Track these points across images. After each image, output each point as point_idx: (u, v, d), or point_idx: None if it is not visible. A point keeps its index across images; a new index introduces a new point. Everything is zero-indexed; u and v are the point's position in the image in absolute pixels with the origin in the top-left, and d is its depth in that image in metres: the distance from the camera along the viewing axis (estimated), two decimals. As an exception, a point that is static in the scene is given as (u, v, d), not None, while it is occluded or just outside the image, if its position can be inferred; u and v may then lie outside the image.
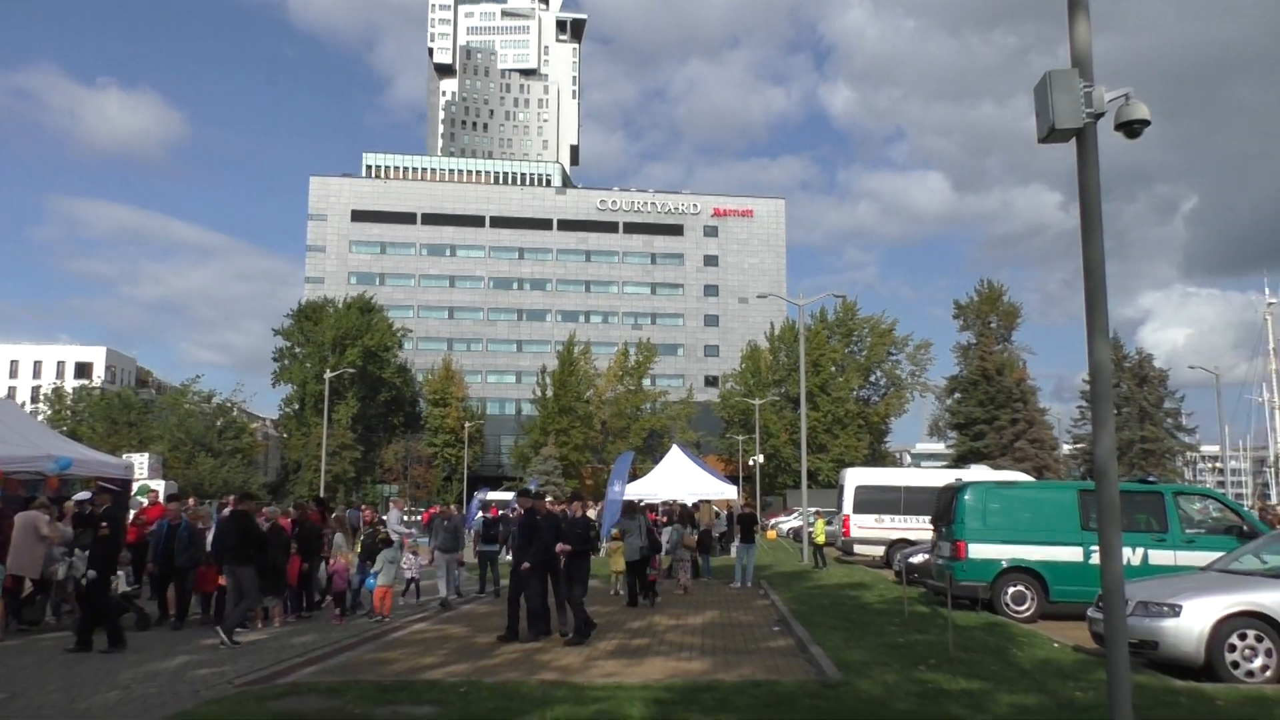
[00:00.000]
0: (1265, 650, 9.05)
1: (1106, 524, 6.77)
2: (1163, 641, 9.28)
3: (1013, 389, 66.48)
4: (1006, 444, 64.76)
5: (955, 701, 7.56)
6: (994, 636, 11.25)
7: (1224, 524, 14.36)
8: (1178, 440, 68.16)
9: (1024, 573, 14.00)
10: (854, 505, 25.61)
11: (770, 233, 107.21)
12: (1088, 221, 7.12)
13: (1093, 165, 7.14)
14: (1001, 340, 71.55)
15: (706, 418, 76.70)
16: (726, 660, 10.27)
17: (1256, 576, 9.91)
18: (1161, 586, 10.11)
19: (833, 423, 66.90)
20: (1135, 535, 13.75)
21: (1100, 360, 6.90)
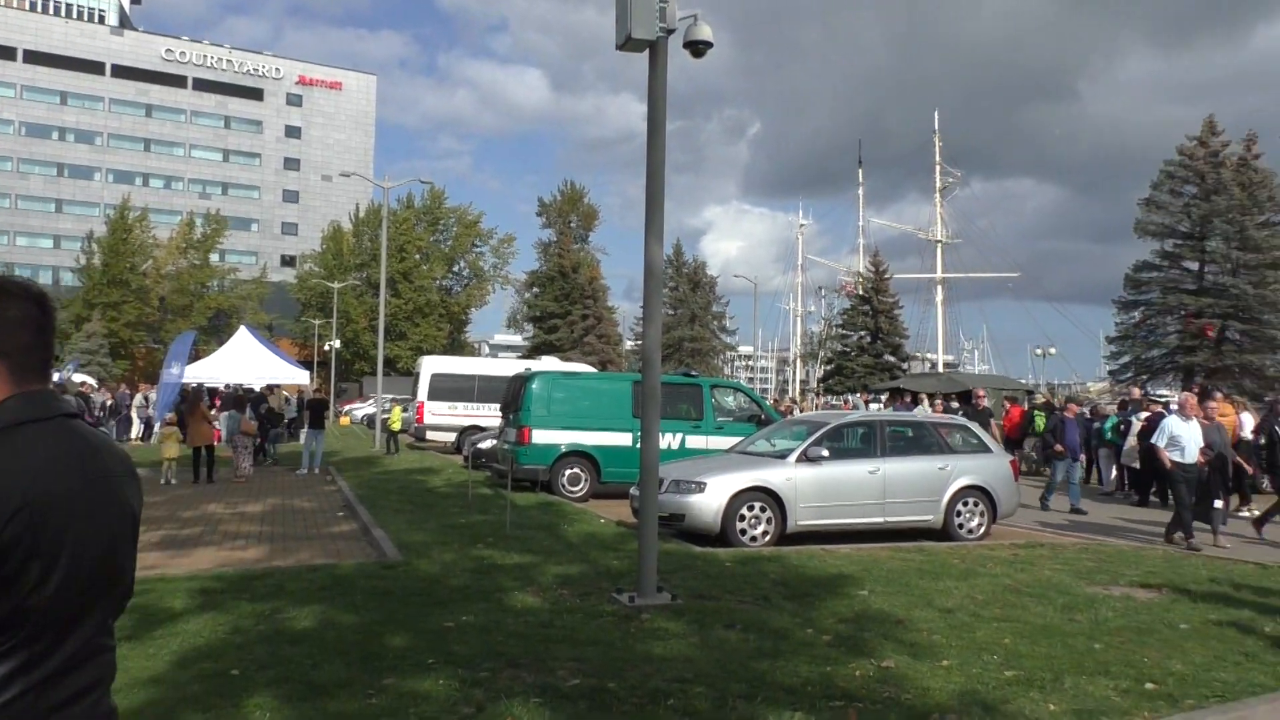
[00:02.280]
0: (767, 519, 10.63)
1: (648, 410, 7.46)
2: (689, 514, 10.55)
3: (586, 286, 70.32)
4: (578, 338, 68.68)
5: (507, 574, 8.04)
6: (549, 515, 12.07)
7: (749, 413, 16.49)
8: (721, 340, 76.47)
9: (580, 456, 15.11)
10: (429, 393, 25.85)
11: (360, 109, 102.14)
12: (653, 131, 7.63)
13: (661, 78, 7.62)
14: (580, 240, 75.13)
15: (281, 299, 72.52)
16: (285, 547, 10.03)
17: (766, 457, 11.54)
18: (691, 466, 11.44)
19: (414, 311, 66.46)
20: (676, 422, 15.36)
21: (653, 260, 7.50)
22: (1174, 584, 8.31)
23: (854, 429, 11.97)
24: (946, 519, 11.39)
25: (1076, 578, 8.47)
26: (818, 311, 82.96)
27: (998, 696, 5.01)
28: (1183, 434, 11.37)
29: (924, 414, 18.34)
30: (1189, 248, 41.48)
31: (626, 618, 6.57)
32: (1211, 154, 41.39)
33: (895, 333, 58.71)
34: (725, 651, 5.76)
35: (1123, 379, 43.19)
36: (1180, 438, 11.35)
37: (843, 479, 11.06)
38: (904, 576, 8.35)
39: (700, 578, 8.12)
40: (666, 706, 4.71)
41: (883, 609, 7.02)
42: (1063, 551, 10.14)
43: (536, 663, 5.41)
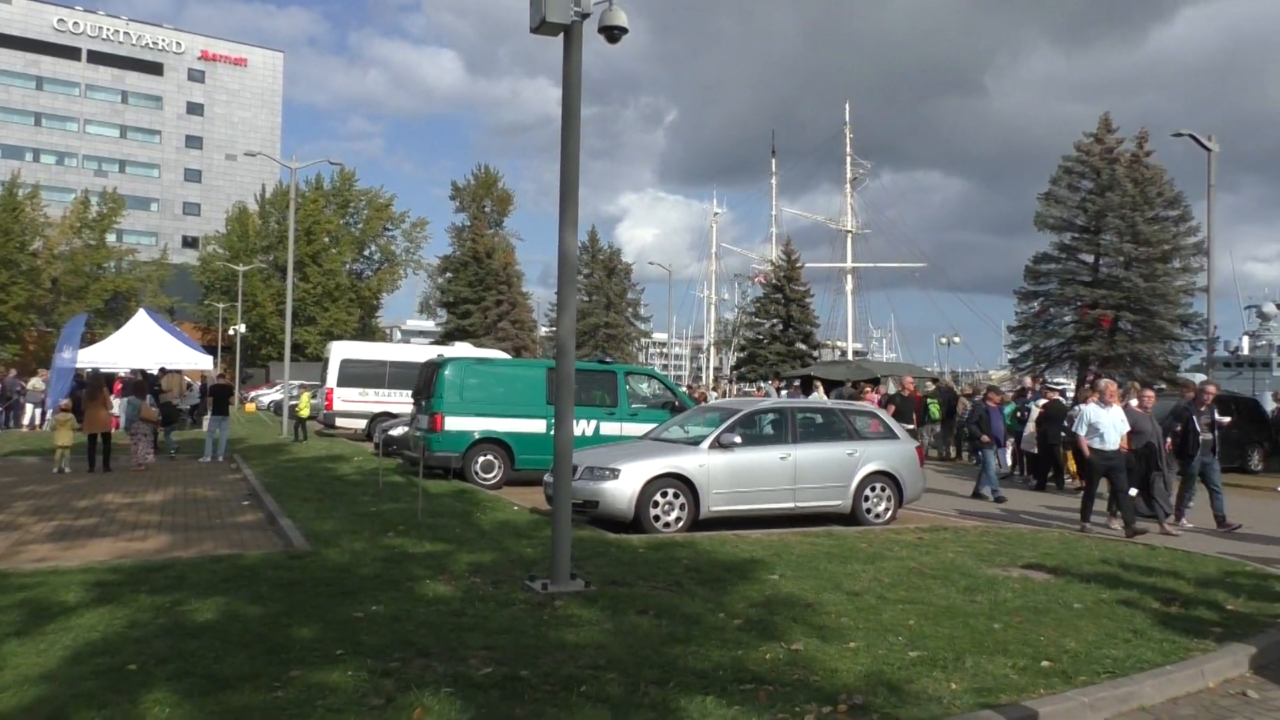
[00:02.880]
0: (680, 505, 10.71)
1: (561, 397, 7.44)
2: (603, 501, 10.56)
3: (500, 272, 69.71)
4: (491, 324, 68.08)
5: (418, 563, 7.94)
6: (462, 503, 11.96)
7: (662, 400, 16.58)
8: (636, 327, 76.70)
9: (494, 443, 14.99)
10: (339, 379, 25.36)
11: (266, 87, 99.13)
12: (567, 117, 7.57)
13: (576, 63, 7.56)
14: (494, 225, 74.43)
15: (183, 282, 70.09)
16: (187, 537, 9.73)
17: (680, 444, 11.62)
18: (605, 453, 11.45)
19: (323, 295, 64.95)
20: (591, 409, 15.36)
21: (568, 248, 7.46)
22: (1068, 565, 8.65)
23: (766, 416, 12.13)
24: (855, 504, 11.63)
25: (978, 560, 8.74)
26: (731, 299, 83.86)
27: (902, 677, 5.14)
28: (1102, 421, 11.50)
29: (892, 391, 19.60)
30: (1085, 241, 43.04)
31: (539, 605, 6.55)
32: (1106, 151, 42.96)
33: (806, 321, 59.68)
34: (638, 637, 5.78)
35: (1022, 367, 44.66)
36: (1100, 425, 11.48)
37: (755, 465, 11.21)
38: (813, 560, 8.51)
39: (613, 564, 8.14)
40: (579, 693, 4.71)
41: (792, 593, 7.14)
42: (965, 535, 10.45)
43: (448, 652, 5.36)
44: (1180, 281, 41.70)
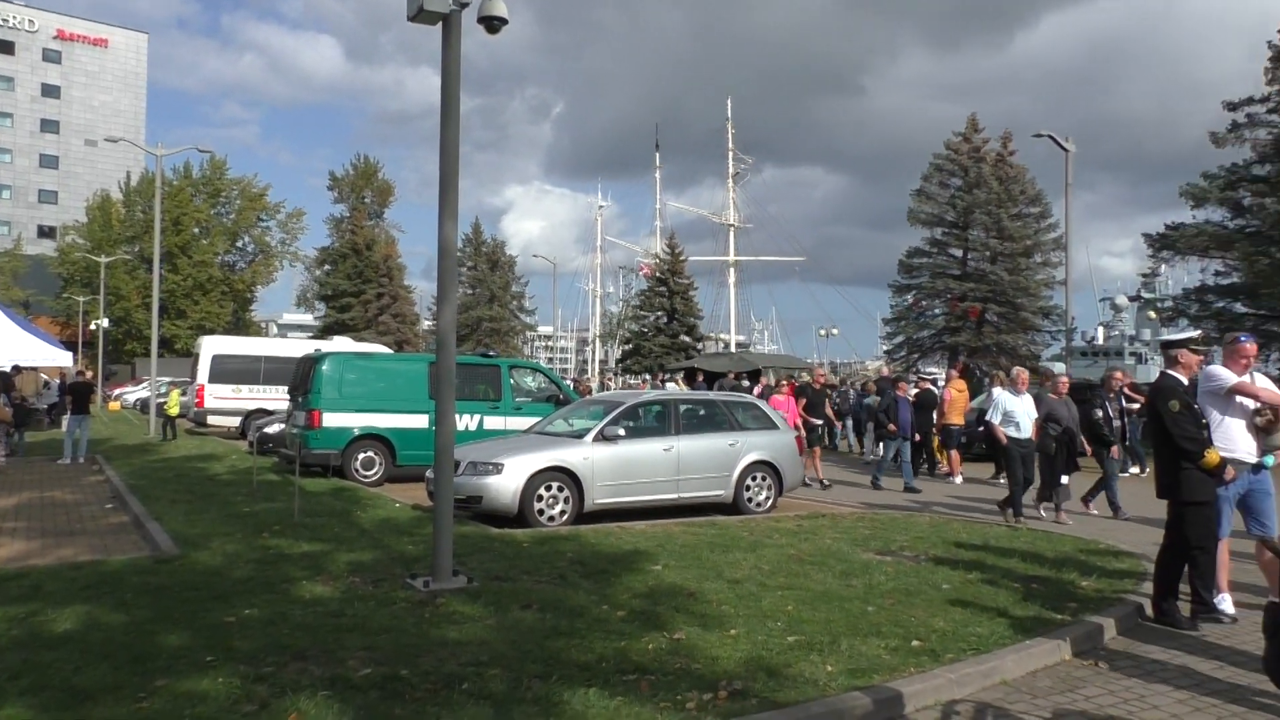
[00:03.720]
0: (565, 499, 10.71)
1: (442, 391, 7.34)
2: (486, 496, 10.47)
3: (380, 264, 68.25)
4: (372, 317, 66.62)
5: (294, 564, 7.72)
6: (341, 501, 11.68)
7: (547, 393, 16.53)
8: (520, 320, 76.23)
9: (375, 439, 14.69)
10: (210, 375, 24.47)
11: (129, 69, 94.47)
12: (447, 107, 7.47)
13: (455, 53, 7.46)
14: (374, 216, 72.77)
15: (39, 274, 66.31)
16: (44, 544, 9.24)
17: (564, 437, 11.61)
18: (489, 448, 11.36)
19: (194, 287, 62.38)
20: (474, 403, 15.22)
21: (448, 239, 7.36)
22: (938, 547, 9.00)
23: (649, 408, 12.23)
24: (737, 493, 11.84)
25: (854, 545, 9.01)
26: (616, 292, 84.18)
27: (781, 661, 5.27)
28: (1016, 409, 11.57)
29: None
30: (954, 236, 44.80)
31: (421, 603, 6.46)
32: (974, 150, 44.79)
33: (690, 313, 60.36)
34: (521, 632, 5.77)
35: (897, 357, 46.25)
36: (1014, 413, 11.54)
37: (639, 457, 11.30)
38: (696, 550, 8.63)
39: (497, 559, 8.09)
40: (460, 691, 4.67)
41: (675, 583, 7.23)
42: (842, 521, 10.76)
43: (325, 654, 5.24)
44: (1041, 275, 43.84)
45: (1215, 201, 31.69)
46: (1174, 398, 6.65)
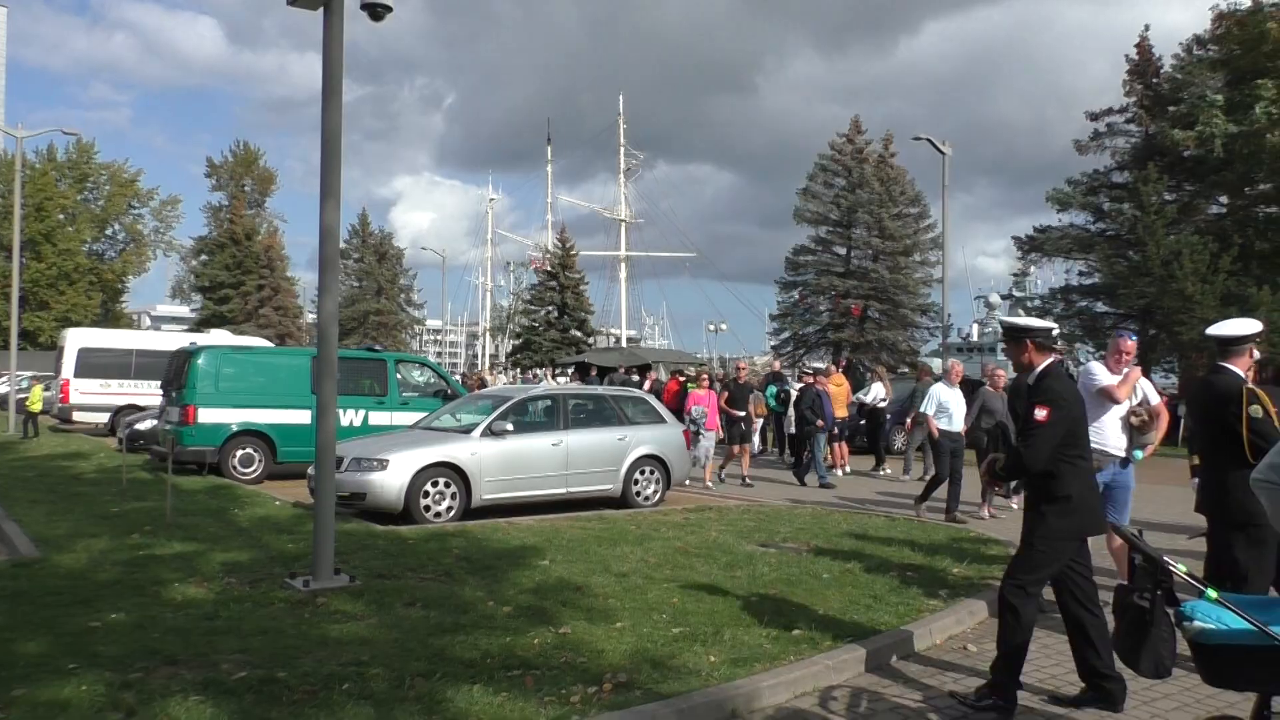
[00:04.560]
0: (451, 494, 10.60)
1: (323, 385, 7.17)
2: (370, 492, 10.28)
3: (261, 255, 66.05)
4: (252, 310, 64.43)
5: (166, 566, 7.43)
6: (217, 499, 11.29)
7: (434, 388, 16.31)
8: (408, 314, 74.87)
9: (254, 435, 14.24)
10: (76, 369, 23.30)
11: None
12: (328, 94, 7.29)
13: (337, 38, 7.29)
14: (255, 205, 70.38)
15: (-118, 260, 61.91)
16: (-113, 548, 8.65)
17: (451, 433, 11.48)
18: (373, 444, 11.15)
19: (59, 277, 59.17)
20: (359, 398, 14.91)
21: (329, 227, 7.18)
22: (820, 538, 9.24)
23: (538, 403, 12.19)
24: (625, 487, 11.92)
25: (738, 537, 9.17)
26: (507, 286, 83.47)
27: (665, 653, 5.34)
28: (950, 401, 11.56)
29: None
30: (838, 235, 45.97)
31: (300, 603, 6.30)
32: (857, 151, 46.04)
33: (581, 308, 60.28)
34: (405, 630, 5.69)
35: (783, 353, 47.19)
36: (948, 405, 11.53)
37: (527, 452, 11.25)
38: (584, 545, 8.65)
39: (382, 556, 7.95)
40: (341, 691, 4.58)
41: (563, 577, 7.23)
42: (728, 514, 10.94)
43: (198, 658, 5.06)
44: (920, 274, 45.38)
45: (1078, 206, 33.34)
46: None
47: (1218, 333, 5.62)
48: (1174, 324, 26.22)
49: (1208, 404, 5.39)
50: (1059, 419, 4.67)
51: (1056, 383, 4.79)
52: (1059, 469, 4.69)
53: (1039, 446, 4.65)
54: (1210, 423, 5.37)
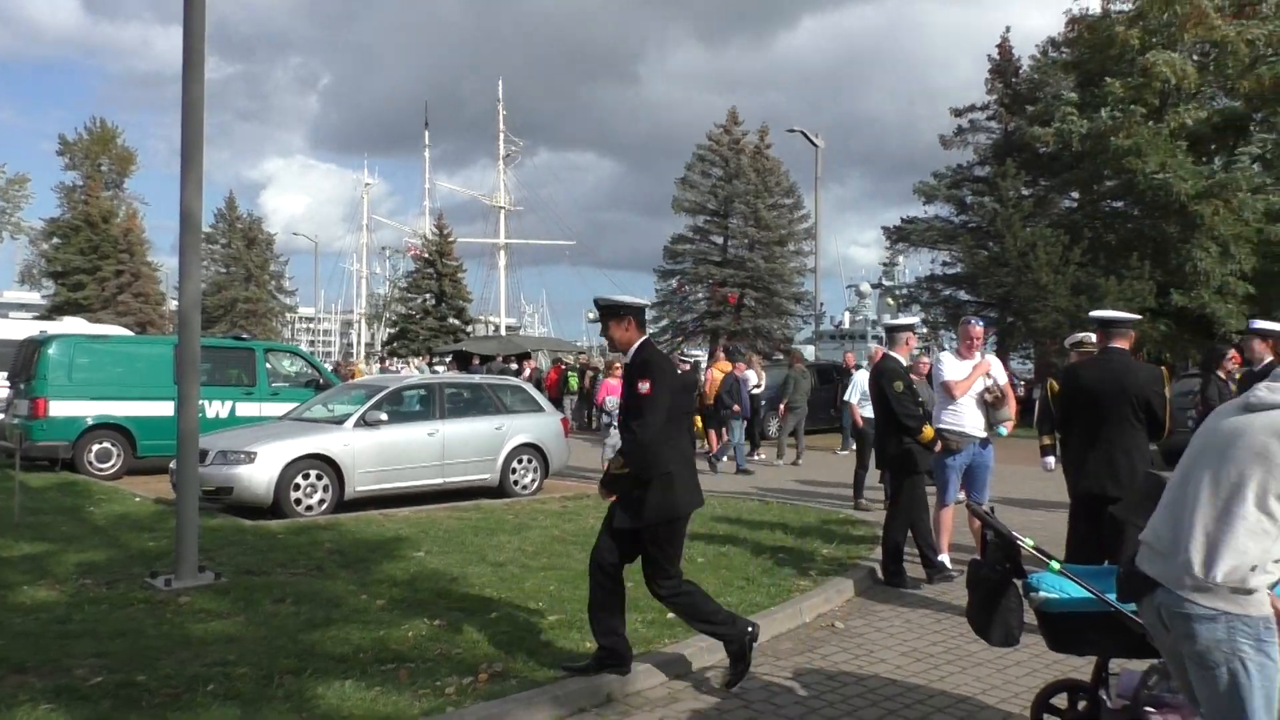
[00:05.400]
0: (324, 487, 10.34)
1: (185, 374, 6.90)
2: (238, 486, 9.94)
3: (120, 239, 62.78)
4: (110, 297, 61.21)
5: (14, 568, 7.03)
6: (71, 497, 10.72)
7: (306, 378, 15.85)
8: (279, 301, 72.42)
9: (111, 429, 13.56)
10: (-91, 359, 21.68)
11: None
12: (189, 67, 7.00)
13: (198, 7, 7.00)
14: (113, 186, 66.81)
15: None
16: None
17: (323, 423, 11.20)
18: (241, 435, 10.79)
19: (-112, 261, 55.08)
20: (226, 389, 14.36)
21: (191, 211, 6.90)
22: (695, 523, 9.35)
23: (413, 392, 12.00)
24: (503, 477, 11.86)
25: (616, 524, 9.24)
26: (383, 273, 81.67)
27: (542, 641, 5.37)
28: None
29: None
30: (715, 224, 46.66)
31: (162, 603, 6.06)
32: (734, 142, 46.76)
33: (459, 296, 59.51)
34: (273, 627, 5.54)
35: (661, 340, 47.64)
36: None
37: (402, 442, 11.07)
38: (460, 535, 8.58)
39: (249, 552, 7.71)
40: (205, 692, 4.44)
41: (438, 568, 7.17)
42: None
43: (50, 664, 4.82)
44: (794, 263, 46.46)
45: (943, 199, 34.71)
46: (896, 378, 7.31)
47: (1103, 315, 6.07)
48: (1029, 312, 27.58)
49: (1126, 384, 5.70)
50: (662, 390, 4.68)
51: (655, 356, 4.85)
52: (660, 447, 4.72)
53: (651, 418, 4.63)
54: (1123, 403, 5.69)
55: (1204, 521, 2.81)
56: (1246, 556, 2.73)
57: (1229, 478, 2.78)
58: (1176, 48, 27.44)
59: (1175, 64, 26.47)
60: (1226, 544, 2.75)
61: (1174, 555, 2.87)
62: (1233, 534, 2.74)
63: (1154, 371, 5.93)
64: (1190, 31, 27.19)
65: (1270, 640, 2.76)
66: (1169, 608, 2.85)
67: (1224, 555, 2.75)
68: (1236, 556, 2.73)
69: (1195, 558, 2.79)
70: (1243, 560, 2.73)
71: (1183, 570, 2.83)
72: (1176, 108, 27.37)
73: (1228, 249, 25.56)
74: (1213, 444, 2.91)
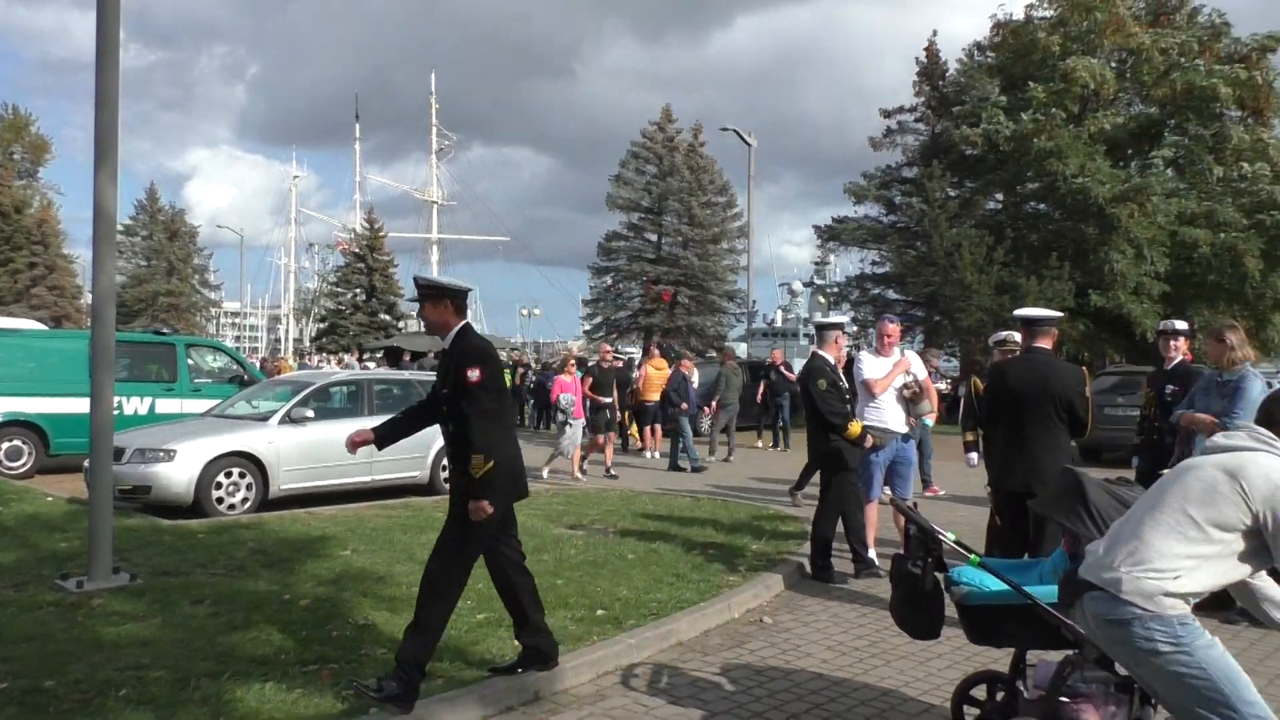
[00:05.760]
0: (247, 485, 10.11)
1: (99, 368, 6.67)
2: (156, 485, 9.66)
3: (34, 230, 60.61)
4: (22, 289, 59.04)
5: (-86, 571, 6.74)
6: (-22, 496, 10.32)
7: (230, 373, 15.48)
8: (203, 295, 70.66)
9: (22, 426, 13.09)
10: None
11: None
12: (103, 52, 6.77)
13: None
14: (26, 175, 64.45)
15: None
16: None
17: (247, 420, 10.94)
18: (160, 433, 10.49)
19: None
20: (146, 385, 13.98)
21: (104, 201, 6.67)
22: (627, 520, 9.40)
23: (340, 388, 11.79)
24: (433, 474, 11.71)
25: (547, 521, 9.21)
26: (312, 268, 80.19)
27: (469, 640, 5.30)
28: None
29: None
30: (649, 221, 46.66)
31: (73, 606, 5.85)
32: (668, 139, 46.82)
33: (390, 291, 58.63)
34: (191, 630, 5.39)
35: (595, 338, 47.57)
36: None
37: (329, 439, 10.81)
38: (388, 533, 8.46)
39: (168, 553, 7.49)
40: (118, 698, 4.30)
41: (364, 567, 7.05)
42: (537, 498, 10.90)
43: (-50, 670, 4.62)
44: (728, 261, 46.72)
45: (872, 199, 35.19)
46: (822, 377, 7.40)
47: (1027, 314, 6.21)
48: (955, 311, 28.14)
49: (1049, 383, 5.84)
50: (495, 375, 4.57)
51: (478, 340, 4.73)
52: (503, 435, 4.59)
53: (485, 402, 4.46)
54: (1046, 403, 5.82)
55: (1138, 529, 3.02)
56: (1169, 560, 2.88)
57: (1171, 496, 3.01)
58: (1096, 54, 28.29)
59: (1094, 70, 27.28)
60: (1153, 546, 2.94)
61: (1107, 557, 3.03)
62: (1161, 538, 2.93)
63: (1076, 371, 6.09)
64: (1109, 39, 28.08)
65: (1186, 636, 2.87)
66: (1099, 616, 2.98)
67: (1149, 557, 2.92)
68: (1163, 560, 2.89)
69: (1122, 559, 2.94)
70: (1167, 564, 2.88)
71: (1110, 570, 2.96)
72: (1095, 113, 28.23)
73: (1142, 251, 26.40)
74: (1167, 479, 3.15)
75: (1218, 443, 3.14)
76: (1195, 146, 27.97)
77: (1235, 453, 3.01)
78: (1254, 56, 27.76)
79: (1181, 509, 2.95)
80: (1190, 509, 2.93)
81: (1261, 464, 2.91)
